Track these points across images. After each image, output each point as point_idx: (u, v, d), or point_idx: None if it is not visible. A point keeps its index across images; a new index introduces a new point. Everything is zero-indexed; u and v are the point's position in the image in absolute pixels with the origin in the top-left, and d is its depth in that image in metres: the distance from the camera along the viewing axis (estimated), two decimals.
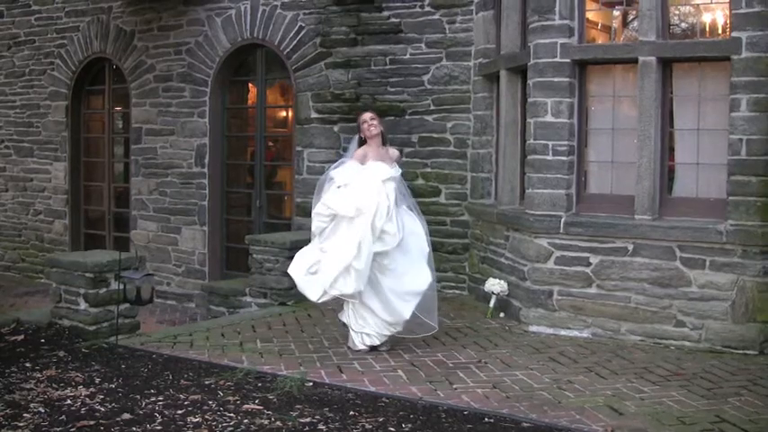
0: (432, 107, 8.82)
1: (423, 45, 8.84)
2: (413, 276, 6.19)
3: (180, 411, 4.79)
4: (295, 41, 9.61)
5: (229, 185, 10.61)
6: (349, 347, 6.31)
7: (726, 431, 4.57)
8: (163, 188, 10.76)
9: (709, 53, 6.56)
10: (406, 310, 6.12)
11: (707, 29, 6.99)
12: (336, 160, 9.35)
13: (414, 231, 6.31)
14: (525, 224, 7.16)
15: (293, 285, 8.04)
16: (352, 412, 4.81)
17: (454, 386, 5.38)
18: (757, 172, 6.29)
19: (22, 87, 12.33)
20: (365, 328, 6.20)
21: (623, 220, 6.74)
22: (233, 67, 10.42)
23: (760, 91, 6.26)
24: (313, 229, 6.37)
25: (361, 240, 6.00)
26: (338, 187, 6.25)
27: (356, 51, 9.23)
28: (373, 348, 6.21)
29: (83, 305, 6.62)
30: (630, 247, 6.66)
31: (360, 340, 6.23)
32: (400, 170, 6.50)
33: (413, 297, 6.15)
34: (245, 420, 4.64)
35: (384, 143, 6.52)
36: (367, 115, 6.51)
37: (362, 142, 6.46)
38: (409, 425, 4.62)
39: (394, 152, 6.64)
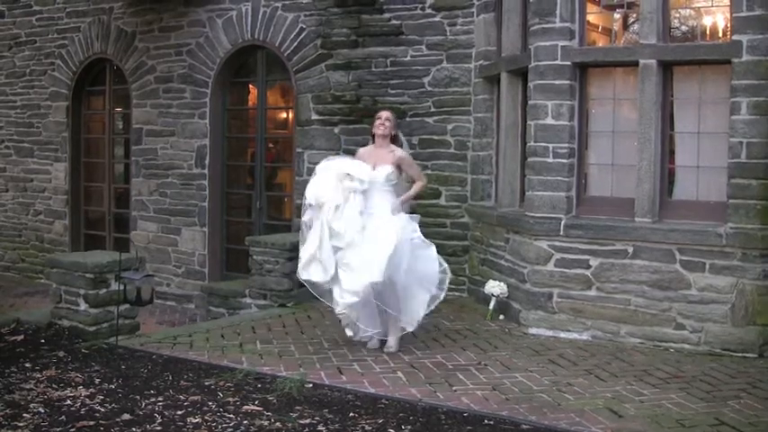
0: (432, 109, 8.82)
1: (423, 47, 8.84)
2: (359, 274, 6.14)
3: (180, 412, 4.79)
4: (296, 43, 9.62)
5: (230, 187, 10.61)
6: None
7: None
8: (163, 189, 10.76)
9: (710, 56, 6.57)
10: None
11: (707, 32, 6.99)
12: None
13: (381, 239, 6.15)
14: (525, 226, 7.16)
15: (293, 287, 8.12)
16: (351, 414, 4.82)
17: (454, 388, 5.38)
18: (757, 175, 6.29)
19: (22, 88, 12.33)
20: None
21: (623, 222, 6.74)
22: (234, 69, 10.42)
23: (760, 94, 6.26)
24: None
25: (321, 232, 6.17)
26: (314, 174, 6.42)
27: (357, 53, 9.24)
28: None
29: (83, 306, 6.62)
30: (630, 250, 6.66)
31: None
32: (394, 179, 6.43)
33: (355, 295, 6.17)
34: (245, 421, 4.64)
35: (394, 143, 6.56)
36: (384, 114, 6.65)
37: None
38: (409, 426, 4.62)
39: (396, 155, 6.49)
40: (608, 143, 7.09)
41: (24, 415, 4.70)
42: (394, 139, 6.60)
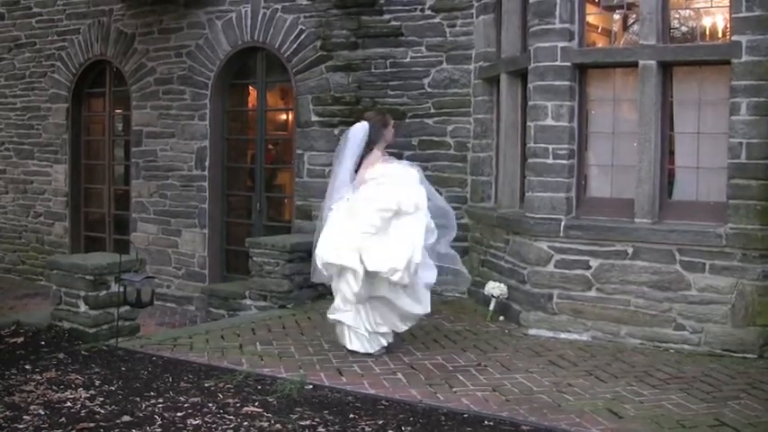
0: (432, 110, 8.82)
1: (423, 48, 8.85)
2: None
3: (180, 414, 4.79)
4: (295, 44, 9.62)
5: (229, 188, 10.62)
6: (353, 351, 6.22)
7: None
8: (163, 191, 10.76)
9: (710, 57, 6.57)
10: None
11: (707, 32, 7.00)
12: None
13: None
14: (525, 227, 7.16)
15: (293, 288, 8.12)
16: (351, 415, 4.82)
17: (454, 389, 5.38)
18: (757, 175, 6.29)
19: (22, 90, 12.33)
20: (382, 327, 6.20)
21: (623, 223, 6.74)
22: (233, 70, 10.43)
23: (760, 95, 6.26)
24: (377, 223, 6.04)
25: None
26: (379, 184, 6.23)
27: (357, 54, 9.24)
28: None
29: (83, 307, 6.62)
30: (630, 251, 6.66)
31: (377, 342, 6.21)
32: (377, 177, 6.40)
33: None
34: (245, 423, 4.64)
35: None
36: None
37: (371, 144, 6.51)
38: (409, 428, 4.62)
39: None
40: (608, 144, 7.09)
41: (24, 417, 4.70)
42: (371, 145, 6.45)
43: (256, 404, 4.99)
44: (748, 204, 6.31)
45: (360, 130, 6.47)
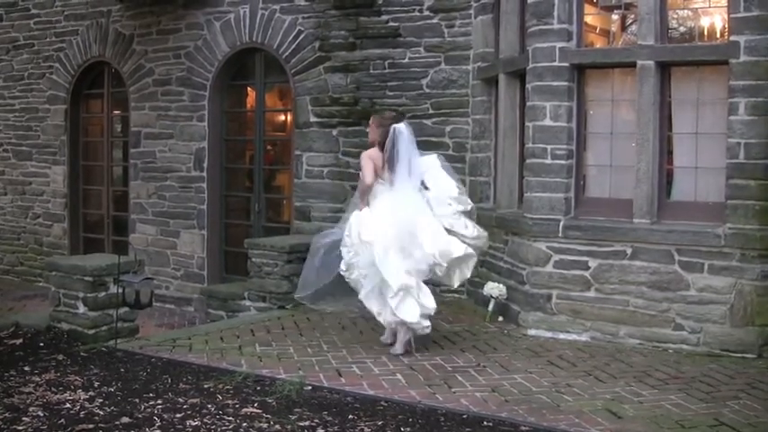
0: (430, 111, 8.82)
1: (421, 49, 8.85)
2: None
3: (179, 415, 4.79)
4: (294, 45, 9.62)
5: (228, 189, 10.61)
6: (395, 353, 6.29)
7: None
8: (162, 192, 10.76)
9: (708, 57, 6.58)
10: None
11: (705, 33, 7.00)
12: (335, 164, 9.44)
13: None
14: (524, 228, 7.16)
15: (292, 289, 8.09)
16: (350, 416, 4.82)
17: (453, 390, 5.38)
18: (756, 175, 6.30)
19: (20, 91, 12.33)
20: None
21: (622, 223, 6.74)
22: (232, 71, 10.43)
23: (758, 95, 6.27)
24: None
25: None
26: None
27: (355, 55, 9.24)
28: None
29: (82, 309, 6.62)
30: (629, 251, 6.67)
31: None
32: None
33: None
34: (244, 424, 4.64)
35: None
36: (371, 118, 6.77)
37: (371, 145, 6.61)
38: (408, 428, 4.62)
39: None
40: (606, 144, 7.09)
41: (23, 418, 4.70)
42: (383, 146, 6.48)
43: (255, 405, 4.99)
44: (747, 204, 6.31)
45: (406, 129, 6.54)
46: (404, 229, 6.18)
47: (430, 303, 6.24)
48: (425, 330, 6.28)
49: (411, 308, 6.15)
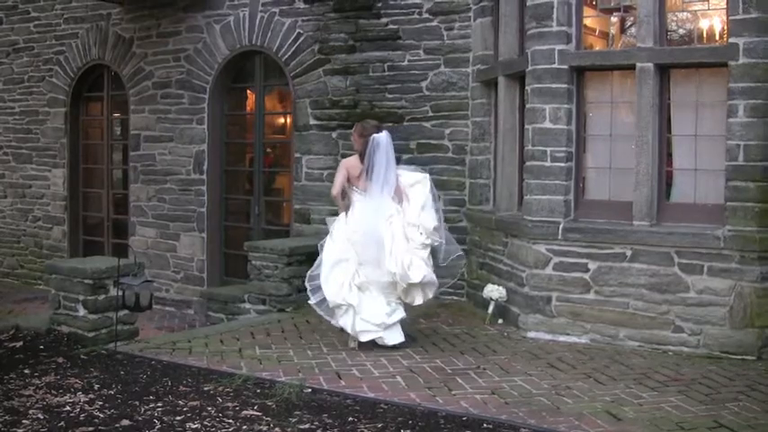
0: (430, 113, 8.83)
1: (421, 51, 8.85)
2: None
3: (179, 418, 4.79)
4: (293, 48, 9.63)
5: (228, 192, 10.61)
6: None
7: None
8: (161, 195, 10.76)
9: (707, 59, 6.58)
10: None
11: (704, 35, 7.01)
12: (335, 167, 9.42)
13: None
14: (523, 230, 7.17)
15: (292, 292, 8.12)
16: (350, 418, 4.82)
17: (453, 392, 5.38)
18: (755, 177, 6.31)
19: (20, 94, 12.33)
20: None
21: (621, 225, 6.75)
22: (231, 74, 10.43)
23: (757, 97, 6.28)
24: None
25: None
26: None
27: (354, 58, 9.25)
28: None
29: (81, 311, 6.62)
30: (629, 253, 6.67)
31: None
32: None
33: None
34: (244, 427, 4.64)
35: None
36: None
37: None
38: (408, 431, 4.62)
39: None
40: (606, 146, 7.10)
41: (24, 421, 4.70)
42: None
43: (255, 408, 4.99)
44: (746, 206, 6.32)
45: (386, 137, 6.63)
46: (371, 239, 6.39)
47: (375, 318, 6.40)
48: (368, 336, 6.44)
49: (348, 320, 6.42)
